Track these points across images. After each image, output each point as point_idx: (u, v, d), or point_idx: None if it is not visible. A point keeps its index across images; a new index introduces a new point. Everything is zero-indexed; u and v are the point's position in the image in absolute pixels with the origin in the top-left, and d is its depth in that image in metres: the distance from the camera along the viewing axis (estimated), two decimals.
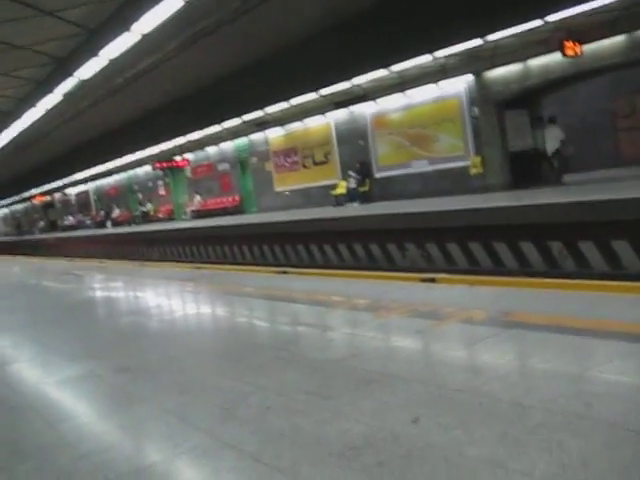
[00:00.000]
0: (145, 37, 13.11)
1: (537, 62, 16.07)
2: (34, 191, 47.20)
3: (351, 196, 21.38)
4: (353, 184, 21.33)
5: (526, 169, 17.81)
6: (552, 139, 16.63)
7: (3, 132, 23.96)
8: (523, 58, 16.19)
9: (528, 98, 17.91)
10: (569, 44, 14.29)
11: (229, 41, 16.62)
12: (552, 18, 12.81)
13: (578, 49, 14.36)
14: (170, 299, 7.93)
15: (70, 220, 45.38)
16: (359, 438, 2.57)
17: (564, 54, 14.35)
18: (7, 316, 7.87)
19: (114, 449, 2.89)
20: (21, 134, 23.88)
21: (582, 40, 14.35)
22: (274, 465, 2.44)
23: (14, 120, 21.77)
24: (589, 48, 14.53)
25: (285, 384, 3.44)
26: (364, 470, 2.29)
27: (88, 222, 42.42)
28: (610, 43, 14.50)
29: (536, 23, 12.96)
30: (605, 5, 12.15)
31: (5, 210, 63.15)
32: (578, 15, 12.64)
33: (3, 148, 27.06)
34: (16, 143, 26.45)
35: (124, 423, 3.24)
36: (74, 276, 12.33)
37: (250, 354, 4.29)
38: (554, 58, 15.19)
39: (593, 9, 12.19)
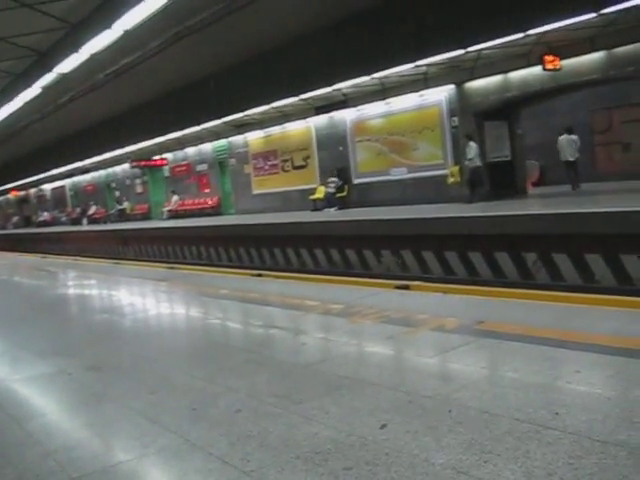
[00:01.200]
0: (127, 34, 13.01)
1: (517, 75, 16.22)
2: (9, 185, 46.60)
3: (329, 201, 21.40)
4: (332, 189, 21.35)
5: (504, 180, 17.96)
6: (570, 148, 17.23)
7: None
8: (503, 70, 16.34)
9: (507, 110, 18.06)
10: (549, 58, 14.45)
11: (212, 42, 16.57)
12: (533, 32, 12.93)
13: (557, 63, 14.53)
14: (143, 298, 7.88)
15: (45, 216, 44.83)
16: (327, 442, 2.58)
17: (544, 68, 14.52)
18: None
19: (81, 447, 2.86)
20: None
21: (562, 55, 14.53)
22: (242, 468, 2.43)
23: None
24: (568, 63, 14.70)
25: (255, 387, 3.44)
26: (331, 474, 2.29)
27: (63, 219, 41.94)
28: (589, 59, 14.69)
29: (517, 36, 13.06)
30: (584, 21, 12.29)
31: None
32: (558, 30, 12.77)
33: None
34: None
35: (92, 422, 3.21)
36: (47, 273, 12.21)
37: (222, 356, 4.28)
38: (533, 71, 15.35)
39: (573, 24, 12.33)
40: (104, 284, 9.56)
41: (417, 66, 15.71)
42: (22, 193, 49.55)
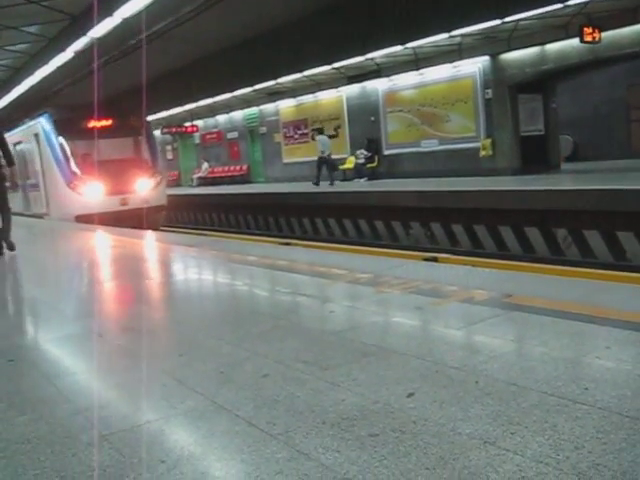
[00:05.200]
0: None
1: (554, 47, 15.89)
2: None
3: (358, 172, 21.30)
4: (361, 160, 21.25)
5: (536, 154, 17.72)
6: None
7: (13, 89, 23.83)
8: (540, 42, 16.01)
9: (542, 83, 17.75)
10: (588, 30, 14.11)
11: (244, 9, 16.45)
12: (573, 1, 12.62)
13: (597, 35, 14.18)
14: (173, 264, 7.95)
15: None
16: (354, 409, 2.58)
17: (582, 40, 14.17)
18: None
19: (110, 406, 2.91)
20: (31, 89, 23.71)
21: (602, 26, 14.16)
22: (268, 431, 2.45)
23: (26, 76, 21.65)
24: (608, 35, 14.34)
25: (283, 352, 3.45)
26: (357, 440, 2.30)
27: None
28: (631, 31, 14.30)
29: (557, 6, 12.76)
30: None
31: None
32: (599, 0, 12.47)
33: (12, 103, 26.89)
34: (24, 99, 26.30)
35: (121, 382, 3.26)
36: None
37: (250, 321, 4.30)
38: (571, 43, 15.01)
39: None
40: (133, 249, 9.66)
41: (452, 36, 15.46)
42: None
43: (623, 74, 19.68)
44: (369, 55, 17.54)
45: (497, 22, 14.00)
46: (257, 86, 22.28)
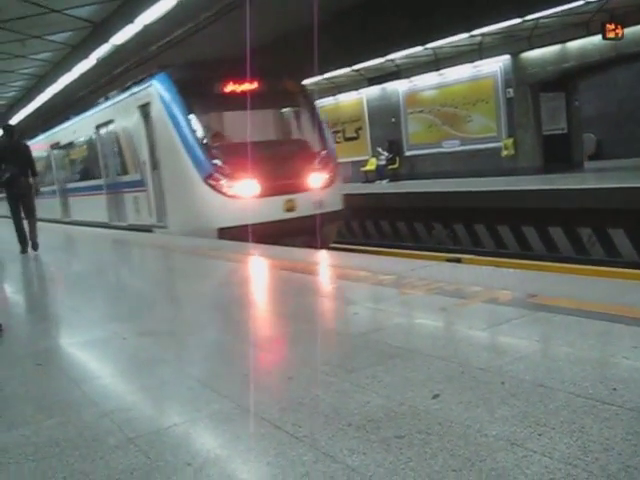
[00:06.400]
0: (180, 4, 13.03)
1: (575, 44, 15.75)
2: None
3: (380, 173, 21.27)
4: (383, 161, 21.21)
5: (559, 153, 17.57)
6: None
7: (38, 96, 24.10)
8: (561, 40, 15.87)
9: (564, 81, 17.60)
10: (610, 26, 13.96)
11: (264, 12, 16.46)
12: None
13: (620, 32, 14.02)
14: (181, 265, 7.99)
15: None
16: (379, 411, 2.58)
17: (605, 37, 14.03)
18: None
19: (136, 409, 2.93)
20: (54, 97, 23.95)
21: (624, 22, 14.01)
22: (293, 433, 2.45)
23: (50, 84, 21.89)
24: (631, 31, 14.18)
25: (308, 355, 3.45)
26: (383, 442, 2.29)
27: None
28: None
29: (577, 3, 12.64)
30: None
31: None
32: None
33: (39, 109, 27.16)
34: (49, 106, 26.58)
35: (147, 385, 3.28)
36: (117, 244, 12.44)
37: (273, 324, 4.31)
38: (593, 41, 14.88)
39: None
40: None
41: (472, 36, 15.39)
42: None
43: None
44: (389, 57, 17.51)
45: (517, 21, 13.92)
46: None
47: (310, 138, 11.47)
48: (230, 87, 10.90)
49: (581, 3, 12.65)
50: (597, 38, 14.36)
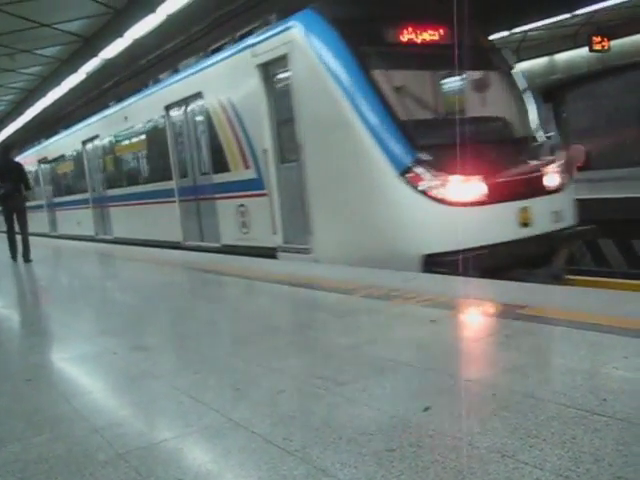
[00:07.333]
0: (170, 18, 13.05)
1: (563, 57, 15.90)
2: None
3: None
4: None
5: None
6: None
7: (27, 110, 24.08)
8: (549, 52, 16.02)
9: (552, 93, 17.70)
10: (597, 39, 14.12)
11: None
12: (582, 11, 12.64)
13: (606, 44, 14.18)
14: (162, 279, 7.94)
15: None
16: (370, 424, 2.57)
17: (591, 49, 14.19)
18: None
19: (127, 424, 2.91)
20: (44, 111, 23.93)
21: (610, 35, 14.16)
22: (284, 447, 2.44)
23: (39, 98, 21.88)
24: (617, 44, 14.34)
25: (298, 368, 3.45)
26: (374, 455, 2.29)
27: None
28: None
29: (564, 16, 12.78)
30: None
31: None
32: (608, 9, 12.46)
33: (29, 122, 27.12)
34: (39, 120, 26.55)
35: (137, 400, 3.26)
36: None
37: (265, 338, 4.30)
38: (580, 53, 15.03)
39: (626, 1, 12.01)
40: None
41: None
42: None
43: (635, 82, 19.59)
44: None
45: (505, 33, 14.04)
46: None
47: (532, 116, 8.08)
48: (422, 36, 7.39)
49: (568, 16, 12.78)
50: (584, 50, 14.52)
